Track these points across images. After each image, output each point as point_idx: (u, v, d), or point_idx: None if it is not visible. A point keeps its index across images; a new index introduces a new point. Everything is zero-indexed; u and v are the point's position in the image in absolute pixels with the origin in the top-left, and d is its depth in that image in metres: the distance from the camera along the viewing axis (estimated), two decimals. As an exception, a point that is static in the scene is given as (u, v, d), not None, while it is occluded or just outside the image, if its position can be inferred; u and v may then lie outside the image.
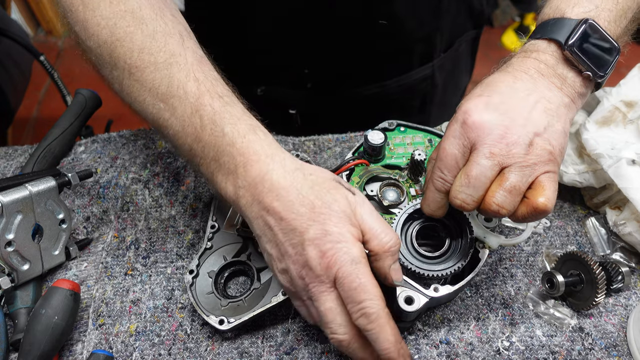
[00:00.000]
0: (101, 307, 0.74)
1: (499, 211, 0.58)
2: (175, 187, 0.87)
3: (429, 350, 0.69)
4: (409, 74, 1.09)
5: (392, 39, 1.00)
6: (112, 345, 0.70)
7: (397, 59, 1.06)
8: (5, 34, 1.49)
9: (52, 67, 1.35)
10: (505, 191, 0.58)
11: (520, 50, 0.67)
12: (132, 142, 0.94)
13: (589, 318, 0.72)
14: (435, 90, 1.15)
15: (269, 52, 0.62)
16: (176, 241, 0.81)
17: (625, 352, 0.69)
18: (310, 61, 1.01)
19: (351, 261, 0.55)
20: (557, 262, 0.75)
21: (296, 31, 0.96)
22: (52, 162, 0.87)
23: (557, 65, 0.63)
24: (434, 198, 0.63)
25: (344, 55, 1.01)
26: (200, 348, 0.70)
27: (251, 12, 0.95)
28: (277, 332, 0.71)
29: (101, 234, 0.82)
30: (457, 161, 0.61)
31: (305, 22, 0.94)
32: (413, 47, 1.05)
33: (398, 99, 1.11)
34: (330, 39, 0.97)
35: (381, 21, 0.94)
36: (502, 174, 0.59)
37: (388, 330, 0.55)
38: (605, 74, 0.64)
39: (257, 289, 0.71)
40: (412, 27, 1.00)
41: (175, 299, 0.74)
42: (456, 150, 0.60)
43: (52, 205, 0.73)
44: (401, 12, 0.95)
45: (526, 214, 0.59)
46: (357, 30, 0.96)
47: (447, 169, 0.61)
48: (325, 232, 0.55)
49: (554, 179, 0.59)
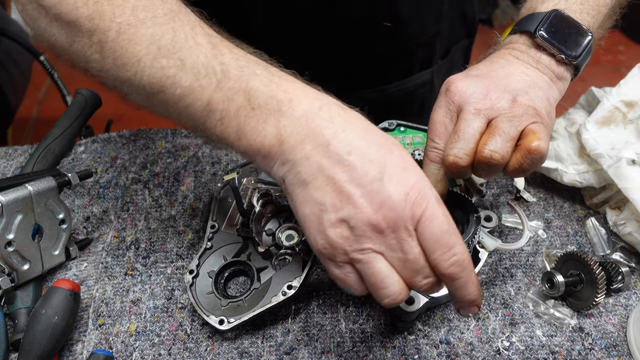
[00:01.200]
0: (101, 307, 0.74)
1: (492, 156, 0.58)
2: (175, 187, 0.88)
3: (429, 350, 0.69)
4: (410, 78, 1.09)
5: (395, 42, 1.00)
6: (112, 345, 0.70)
7: (398, 62, 1.06)
8: (5, 34, 1.49)
9: (52, 67, 1.35)
10: (495, 135, 0.59)
11: (496, 46, 0.72)
12: (132, 142, 0.94)
13: (589, 318, 0.72)
14: (432, 96, 1.15)
15: (270, 53, 0.61)
16: (176, 241, 0.81)
17: (625, 352, 0.69)
18: (311, 63, 1.01)
19: (437, 199, 0.49)
20: (557, 262, 0.75)
21: (299, 32, 0.95)
22: (52, 162, 0.87)
23: (530, 50, 0.68)
24: (430, 171, 0.64)
25: (346, 58, 1.01)
26: (200, 348, 0.70)
27: (254, 11, 0.94)
28: (277, 332, 0.71)
29: (101, 234, 0.82)
30: (446, 127, 0.63)
31: (309, 23, 0.94)
32: (415, 51, 1.05)
33: (398, 103, 1.12)
34: (333, 41, 0.96)
35: (385, 23, 0.94)
36: (490, 124, 0.61)
37: (474, 275, 0.51)
38: (579, 55, 0.67)
39: (257, 289, 0.71)
40: (415, 30, 1.00)
41: (175, 299, 0.74)
42: (443, 117, 0.63)
43: (52, 205, 0.73)
44: (405, 15, 0.95)
45: (521, 160, 0.59)
46: (361, 32, 0.96)
47: (437, 137, 0.63)
48: (406, 165, 0.49)
49: (544, 130, 0.60)
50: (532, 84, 0.64)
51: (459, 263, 0.49)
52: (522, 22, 0.70)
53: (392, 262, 0.49)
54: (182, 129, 0.96)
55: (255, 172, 0.79)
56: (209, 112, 0.52)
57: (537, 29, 0.67)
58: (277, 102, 0.51)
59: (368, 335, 0.71)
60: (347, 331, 0.71)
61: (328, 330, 0.71)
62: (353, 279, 0.50)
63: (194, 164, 0.90)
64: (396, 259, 0.49)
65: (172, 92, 0.53)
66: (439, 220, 0.48)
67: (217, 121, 0.52)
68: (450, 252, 0.48)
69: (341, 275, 0.51)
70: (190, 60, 0.52)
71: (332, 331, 0.71)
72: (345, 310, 0.73)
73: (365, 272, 0.49)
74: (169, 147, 0.93)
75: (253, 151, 0.52)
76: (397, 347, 0.69)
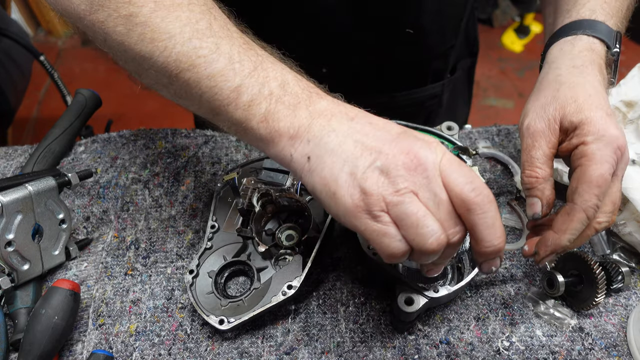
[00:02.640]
0: (101, 307, 0.74)
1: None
2: (175, 187, 0.87)
3: (429, 350, 0.69)
4: (421, 89, 1.10)
5: (414, 50, 1.01)
6: (112, 345, 0.70)
7: (413, 71, 1.08)
8: (5, 34, 1.49)
9: (52, 67, 1.35)
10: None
11: (581, 46, 0.71)
12: (132, 142, 0.94)
13: (589, 318, 0.72)
14: (439, 110, 1.17)
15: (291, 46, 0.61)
16: (176, 241, 0.81)
17: (625, 352, 0.69)
18: (330, 61, 1.01)
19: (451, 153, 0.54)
20: (557, 262, 0.75)
21: (323, 28, 0.95)
22: (52, 162, 0.87)
23: (604, 66, 0.71)
24: (578, 228, 0.62)
25: (364, 60, 1.01)
26: (200, 348, 0.70)
27: (283, 7, 0.94)
28: (277, 332, 0.71)
29: (101, 234, 0.82)
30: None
31: (334, 20, 0.94)
32: (430, 62, 1.06)
33: (405, 112, 1.13)
34: (355, 41, 0.97)
35: (408, 30, 0.95)
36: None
37: (499, 215, 0.52)
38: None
39: (257, 289, 0.71)
40: (435, 41, 1.02)
41: (175, 299, 0.74)
42: (609, 176, 0.61)
43: (52, 205, 0.73)
44: (427, 24, 0.96)
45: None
46: (383, 35, 0.96)
47: (602, 195, 0.61)
48: (415, 136, 0.53)
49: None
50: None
51: (485, 194, 0.50)
52: (587, 26, 0.71)
53: (425, 203, 0.50)
54: (182, 129, 0.96)
55: (255, 172, 0.79)
56: (238, 95, 0.54)
57: (611, 45, 0.70)
58: (308, 93, 0.55)
59: (368, 335, 0.71)
60: (347, 331, 0.71)
61: (328, 330, 0.71)
62: (393, 230, 0.50)
63: (194, 164, 0.90)
64: (427, 198, 0.50)
65: (201, 71, 0.55)
66: (457, 161, 0.52)
67: (244, 104, 0.54)
68: (474, 182, 0.50)
69: (382, 228, 0.50)
70: (225, 46, 0.55)
71: (332, 331, 0.71)
72: (345, 310, 0.73)
73: (403, 214, 0.49)
74: (169, 147, 0.93)
75: (279, 132, 0.54)
76: (397, 347, 0.69)
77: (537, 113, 0.67)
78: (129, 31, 0.55)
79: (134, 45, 0.56)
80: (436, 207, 0.50)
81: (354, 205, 0.50)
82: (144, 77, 0.60)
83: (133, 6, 0.54)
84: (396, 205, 0.49)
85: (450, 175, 0.50)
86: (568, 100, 0.65)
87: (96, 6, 0.56)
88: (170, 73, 0.56)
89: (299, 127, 0.53)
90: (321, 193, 0.53)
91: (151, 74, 0.58)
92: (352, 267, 0.78)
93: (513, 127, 0.96)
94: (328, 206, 0.53)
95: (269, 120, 0.54)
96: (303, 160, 0.54)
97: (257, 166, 0.80)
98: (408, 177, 0.50)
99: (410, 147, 0.51)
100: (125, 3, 0.55)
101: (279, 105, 0.54)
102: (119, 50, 0.58)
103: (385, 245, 0.51)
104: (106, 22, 0.56)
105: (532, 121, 0.67)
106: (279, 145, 0.55)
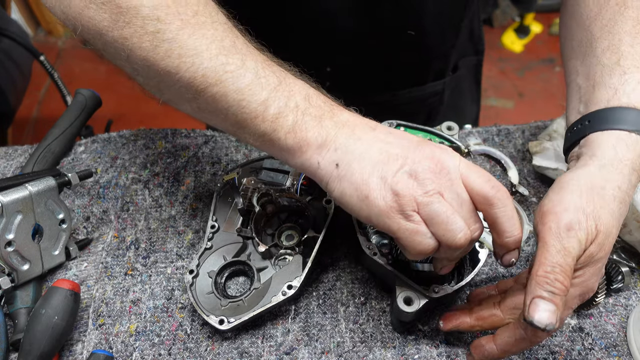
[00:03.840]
0: (101, 307, 0.74)
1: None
2: (175, 187, 0.87)
3: (429, 350, 0.69)
4: (422, 87, 1.11)
5: (415, 51, 1.02)
6: (112, 345, 0.70)
7: (414, 71, 1.08)
8: (5, 34, 1.49)
9: (52, 67, 1.35)
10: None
11: (626, 148, 0.60)
12: (132, 142, 0.94)
13: (589, 318, 0.72)
14: (440, 108, 1.17)
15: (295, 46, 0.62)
16: (176, 241, 0.81)
17: (625, 352, 0.69)
18: (333, 60, 1.02)
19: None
20: (557, 262, 0.75)
21: (325, 31, 0.96)
22: (52, 162, 0.87)
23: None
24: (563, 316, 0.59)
25: (367, 60, 1.02)
26: (200, 348, 0.70)
27: (284, 10, 0.94)
28: (277, 332, 0.71)
29: (101, 234, 0.82)
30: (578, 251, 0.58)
31: (335, 24, 0.94)
32: (431, 62, 1.07)
33: (407, 109, 1.14)
34: (356, 43, 0.98)
35: (409, 32, 0.95)
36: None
37: (515, 210, 0.56)
38: None
39: (257, 289, 0.71)
40: (436, 41, 1.02)
41: (175, 299, 0.74)
42: (582, 237, 0.57)
43: (52, 205, 0.73)
44: (429, 26, 0.97)
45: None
46: (384, 37, 0.97)
47: (565, 272, 0.56)
48: (433, 143, 0.58)
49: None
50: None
51: (503, 190, 0.55)
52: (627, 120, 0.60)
53: (450, 202, 0.55)
54: (182, 129, 0.96)
55: (255, 172, 0.79)
56: (265, 108, 0.57)
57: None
58: (330, 106, 0.59)
59: (368, 335, 0.71)
60: (347, 331, 0.71)
61: (328, 330, 0.71)
62: (424, 228, 0.54)
63: (194, 164, 0.90)
64: (452, 199, 0.55)
65: (228, 85, 0.56)
66: (473, 164, 0.56)
67: (271, 116, 0.57)
68: (492, 181, 0.55)
69: (415, 227, 0.54)
70: (251, 62, 0.57)
71: (332, 331, 0.71)
72: (345, 310, 0.73)
73: (434, 213, 0.54)
74: (169, 147, 0.93)
75: (307, 142, 0.57)
76: (397, 347, 0.69)
77: (577, 216, 0.56)
78: (155, 47, 0.56)
79: (160, 61, 0.56)
80: (460, 206, 0.55)
81: (387, 206, 0.54)
82: (166, 92, 0.61)
83: (161, 23, 0.55)
84: (427, 205, 0.54)
85: (469, 176, 0.55)
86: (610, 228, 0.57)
87: (121, 23, 0.56)
88: (196, 88, 0.57)
89: (327, 136, 0.57)
90: (351, 197, 0.56)
91: (175, 90, 0.59)
92: (352, 267, 0.78)
93: (513, 127, 0.96)
94: (359, 209, 0.56)
95: (296, 131, 0.57)
96: (331, 167, 0.57)
97: (257, 166, 0.80)
98: (434, 179, 0.54)
99: (432, 153, 0.55)
100: (153, 20, 0.55)
101: (306, 117, 0.57)
102: (143, 66, 0.58)
103: (417, 243, 0.55)
104: (131, 38, 0.56)
105: (572, 222, 0.56)
106: (306, 154, 0.58)
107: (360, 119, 0.59)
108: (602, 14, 0.66)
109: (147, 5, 0.55)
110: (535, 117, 1.02)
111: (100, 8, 0.56)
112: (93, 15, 0.57)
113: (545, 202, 0.59)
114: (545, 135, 0.88)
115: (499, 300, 0.64)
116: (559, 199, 0.57)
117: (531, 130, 0.95)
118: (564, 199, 0.57)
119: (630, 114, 0.60)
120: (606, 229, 0.56)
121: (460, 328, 0.66)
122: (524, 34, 3.31)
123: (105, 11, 0.56)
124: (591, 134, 0.61)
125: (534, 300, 0.53)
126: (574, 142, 0.64)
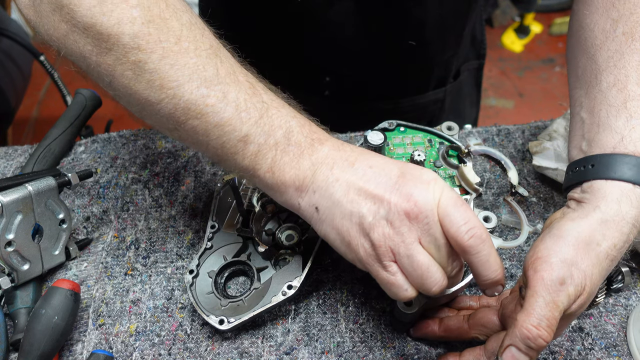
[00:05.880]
0: (101, 307, 0.74)
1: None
2: (175, 187, 0.88)
3: (429, 350, 0.69)
4: (424, 95, 1.11)
5: (416, 61, 1.02)
6: (112, 345, 0.70)
7: (416, 79, 1.08)
8: (5, 34, 1.49)
9: (52, 67, 1.35)
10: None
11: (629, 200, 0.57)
12: (132, 142, 0.94)
13: (589, 318, 0.72)
14: (442, 115, 1.18)
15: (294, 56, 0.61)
16: (176, 241, 0.81)
17: (625, 352, 0.69)
18: (333, 70, 1.02)
19: (450, 187, 0.55)
20: (557, 262, 0.75)
21: (325, 42, 0.96)
22: (52, 162, 0.87)
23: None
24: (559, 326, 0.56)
25: (367, 70, 1.02)
26: (200, 348, 0.70)
27: (284, 21, 0.94)
28: (277, 332, 0.71)
29: (101, 234, 0.82)
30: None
31: (335, 35, 0.94)
32: (433, 71, 1.07)
33: (408, 116, 1.14)
34: (357, 53, 0.98)
35: (410, 42, 0.95)
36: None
37: (494, 250, 0.54)
38: None
39: (257, 289, 0.71)
40: (437, 51, 1.02)
41: (175, 299, 0.74)
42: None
43: (52, 205, 0.73)
44: (429, 37, 0.97)
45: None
46: (385, 48, 0.97)
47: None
48: (421, 167, 0.56)
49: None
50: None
51: (478, 235, 0.53)
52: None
53: (427, 248, 0.54)
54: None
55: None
56: (245, 144, 0.56)
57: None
58: (310, 140, 0.57)
59: (368, 335, 0.71)
60: (347, 331, 0.71)
61: (328, 330, 0.71)
62: (401, 278, 0.55)
63: (194, 164, 0.90)
64: (429, 242, 0.54)
65: (209, 120, 0.56)
66: (454, 200, 0.54)
67: (250, 153, 0.57)
68: (468, 224, 0.53)
69: (391, 278, 0.55)
70: (233, 94, 0.56)
71: (332, 331, 0.71)
72: (345, 310, 0.73)
73: (411, 264, 0.54)
74: (169, 147, 0.93)
75: (284, 184, 0.57)
76: (397, 347, 0.69)
77: (570, 271, 0.54)
78: (137, 76, 0.55)
79: (142, 91, 0.56)
80: (437, 250, 0.55)
81: (367, 254, 0.55)
82: (148, 119, 0.60)
83: (142, 52, 0.54)
84: (403, 257, 0.54)
85: (445, 218, 0.54)
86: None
87: (104, 49, 0.55)
88: (177, 120, 0.57)
89: (304, 178, 0.56)
90: (335, 241, 0.57)
91: (157, 118, 0.59)
92: (352, 267, 0.77)
93: (513, 127, 0.96)
94: (344, 253, 0.58)
95: (274, 171, 0.57)
96: (311, 209, 0.57)
97: (257, 166, 0.80)
98: (411, 225, 0.53)
99: (410, 193, 0.54)
100: (133, 49, 0.54)
101: (285, 157, 0.56)
102: (125, 94, 0.58)
103: (394, 294, 0.56)
104: (114, 65, 0.56)
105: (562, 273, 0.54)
106: (286, 195, 0.58)
107: (340, 152, 0.57)
108: (607, 44, 0.63)
109: (127, 34, 0.54)
110: (535, 117, 1.02)
111: (83, 33, 0.55)
112: (77, 39, 0.56)
113: (540, 247, 0.56)
114: (545, 135, 0.88)
115: (470, 314, 0.65)
116: (555, 249, 0.55)
117: (531, 130, 0.95)
118: (561, 250, 0.54)
119: (637, 164, 0.57)
120: (591, 289, 0.55)
121: (428, 337, 0.67)
122: (524, 34, 3.31)
123: (87, 36, 0.55)
124: (595, 180, 0.58)
125: (510, 347, 0.53)
126: (576, 184, 0.61)
